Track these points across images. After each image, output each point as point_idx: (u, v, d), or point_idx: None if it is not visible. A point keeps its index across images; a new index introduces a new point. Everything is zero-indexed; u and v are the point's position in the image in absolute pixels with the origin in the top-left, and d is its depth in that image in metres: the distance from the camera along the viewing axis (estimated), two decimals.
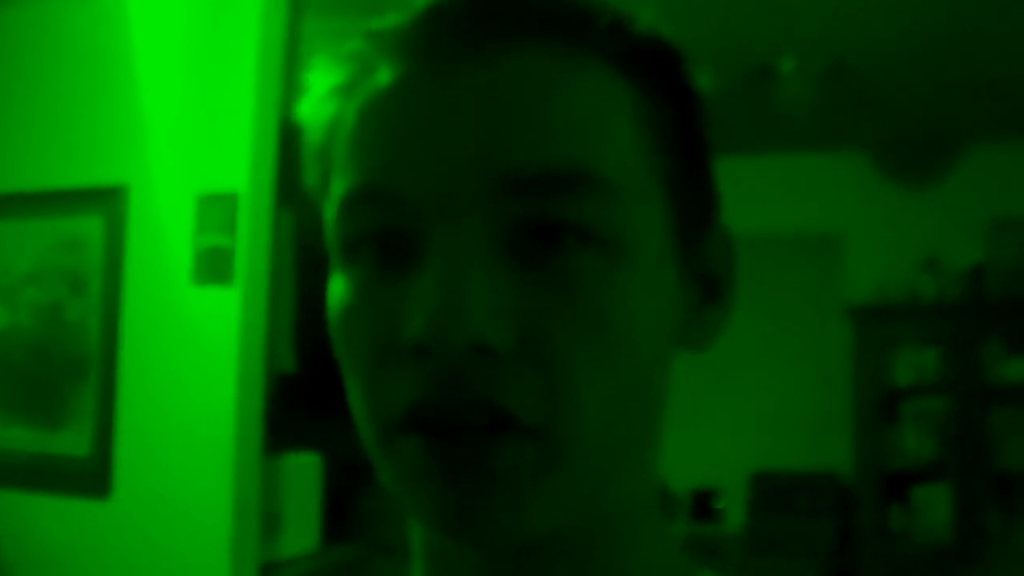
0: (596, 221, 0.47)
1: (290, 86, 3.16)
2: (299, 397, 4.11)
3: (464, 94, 0.47)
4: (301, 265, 3.55)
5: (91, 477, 2.90)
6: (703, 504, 5.83)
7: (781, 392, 5.43)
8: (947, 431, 4.83)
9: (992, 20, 3.64)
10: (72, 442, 2.94)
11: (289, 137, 3.14)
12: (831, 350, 5.33)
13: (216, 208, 2.85)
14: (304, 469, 3.41)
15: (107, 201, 2.95)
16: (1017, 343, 4.77)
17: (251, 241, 2.88)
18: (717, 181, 0.56)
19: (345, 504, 4.51)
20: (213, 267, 2.85)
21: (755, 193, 4.91)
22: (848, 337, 5.11)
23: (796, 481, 5.20)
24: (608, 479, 0.51)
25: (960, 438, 4.78)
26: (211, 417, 2.84)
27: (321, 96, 0.54)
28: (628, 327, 0.48)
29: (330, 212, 0.52)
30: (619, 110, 0.49)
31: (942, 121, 4.99)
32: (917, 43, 3.92)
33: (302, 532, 3.35)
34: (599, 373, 0.47)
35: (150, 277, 2.91)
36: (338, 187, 0.51)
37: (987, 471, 4.75)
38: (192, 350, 2.86)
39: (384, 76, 0.50)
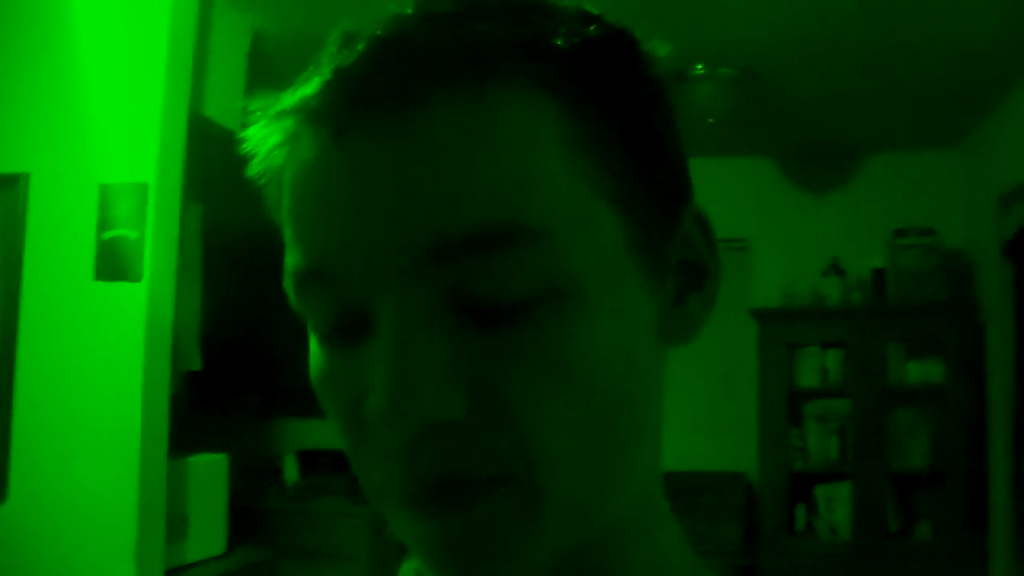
0: (533, 274, 0.45)
1: (200, 79, 3.10)
2: (205, 396, 4.04)
3: (379, 165, 0.45)
4: (208, 261, 3.48)
5: None
6: None
7: (688, 393, 5.48)
8: (849, 432, 4.95)
9: (895, 32, 3.73)
10: None
11: (198, 129, 3.07)
12: (738, 352, 5.41)
13: (122, 199, 2.76)
14: (210, 470, 3.34)
15: (6, 189, 2.84)
16: (916, 347, 4.91)
17: (158, 234, 2.81)
18: (684, 162, 0.55)
19: (252, 505, 4.44)
20: (118, 261, 2.77)
21: None
22: (754, 339, 5.20)
23: (703, 481, 5.26)
24: (594, 511, 0.50)
25: (861, 439, 4.90)
26: (116, 417, 2.76)
27: (263, 153, 0.52)
28: (587, 366, 0.47)
29: (286, 278, 0.51)
30: (546, 142, 0.46)
31: (846, 130, 5.11)
32: (823, 53, 4.00)
33: (209, 534, 3.27)
34: (564, 416, 0.46)
35: (51, 270, 2.82)
36: (288, 258, 0.50)
37: (886, 470, 4.88)
38: (95, 347, 2.78)
39: (305, 147, 0.48)
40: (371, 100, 0.45)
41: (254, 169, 0.53)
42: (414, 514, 0.47)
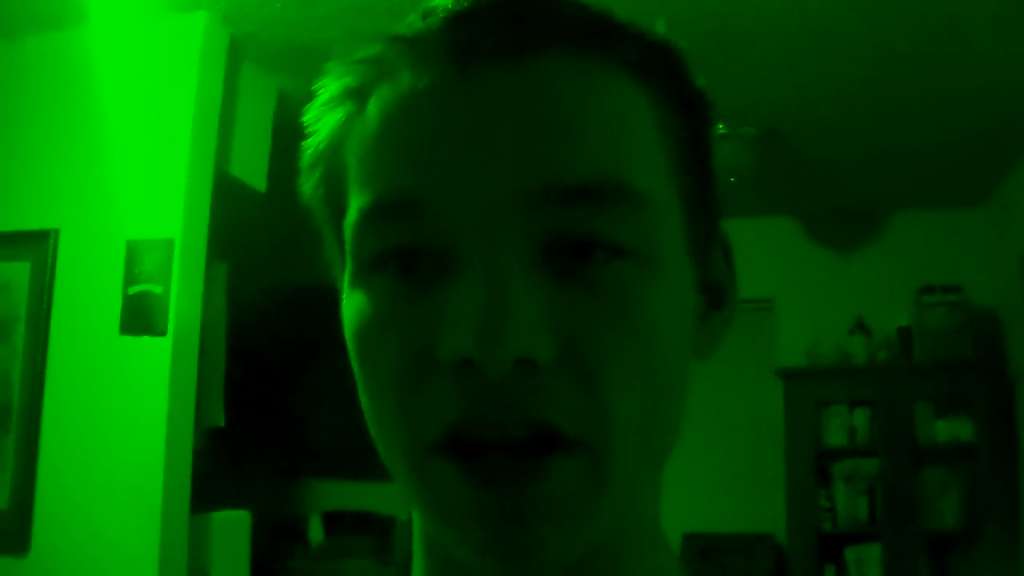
0: (629, 232, 0.47)
1: (226, 136, 3.15)
2: (228, 452, 4.04)
3: (498, 101, 0.46)
4: (233, 318, 3.51)
5: (9, 534, 2.80)
6: None
7: (715, 453, 5.44)
8: (878, 492, 4.87)
9: (918, 91, 3.75)
10: None
11: (223, 188, 3.12)
12: (764, 412, 5.37)
13: (148, 254, 2.80)
14: (233, 527, 3.32)
15: (35, 245, 2.89)
16: (944, 405, 4.85)
17: (183, 290, 2.84)
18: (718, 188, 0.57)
19: (275, 565, 4.42)
20: (143, 316, 2.80)
21: None
22: (780, 399, 5.15)
23: (730, 543, 5.19)
24: (641, 491, 0.51)
25: (891, 498, 4.82)
26: (138, 471, 2.77)
27: (331, 97, 0.53)
28: (661, 337, 0.48)
29: (349, 221, 0.50)
30: (644, 119, 0.49)
31: (870, 189, 5.11)
32: (845, 112, 4.02)
33: None
34: (636, 383, 0.47)
35: (78, 324, 2.85)
36: (359, 198, 0.49)
37: (918, 531, 4.79)
38: (120, 401, 2.80)
39: (409, 80, 0.48)
40: (496, 39, 0.47)
41: (314, 124, 0.53)
42: (470, 474, 0.45)
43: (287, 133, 3.58)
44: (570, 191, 0.46)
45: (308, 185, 0.55)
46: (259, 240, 4.17)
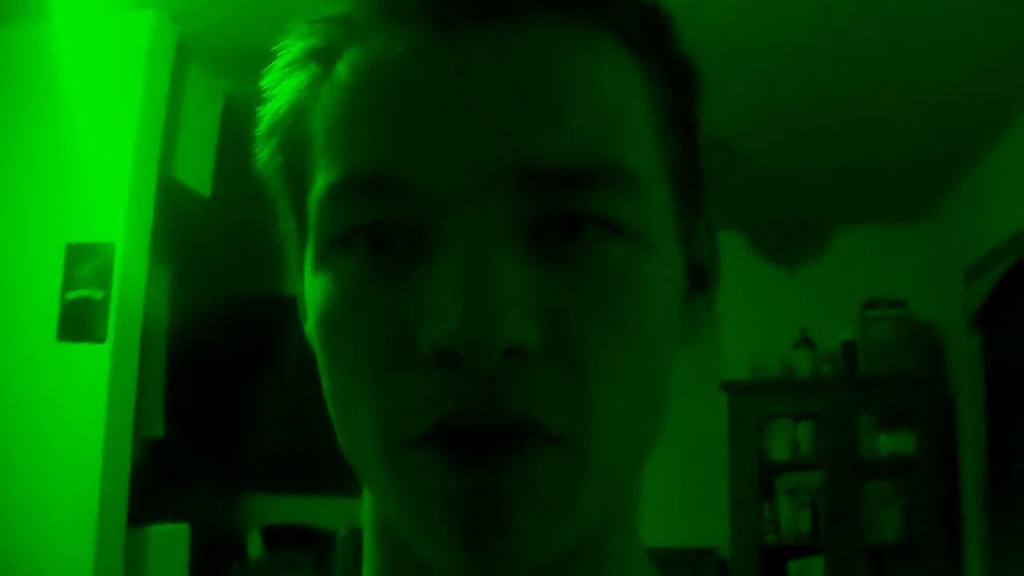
0: (618, 213, 0.44)
1: (171, 139, 3.09)
2: (167, 464, 3.94)
3: (482, 70, 0.43)
4: (174, 326, 3.43)
5: None
6: None
7: (657, 466, 5.44)
8: (821, 505, 4.91)
9: (863, 106, 3.80)
10: None
11: (167, 192, 3.05)
12: (708, 425, 5.39)
13: (88, 259, 2.73)
14: (170, 541, 3.24)
15: None
16: (887, 419, 4.90)
17: (124, 296, 2.77)
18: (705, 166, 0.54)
19: None
20: (81, 322, 2.72)
21: None
22: (724, 412, 5.17)
23: (673, 557, 5.19)
24: (622, 487, 0.48)
25: (834, 512, 4.86)
26: (74, 482, 2.70)
27: (293, 59, 0.49)
28: (651, 324, 0.46)
29: (315, 197, 0.46)
30: (634, 91, 0.46)
31: (815, 203, 5.16)
32: (792, 126, 4.05)
33: None
34: (624, 374, 0.44)
35: (13, 330, 2.76)
36: (328, 171, 0.45)
37: (860, 544, 4.83)
38: (56, 410, 2.72)
39: (383, 42, 0.44)
40: (478, 1, 0.44)
41: (274, 88, 0.50)
42: (449, 460, 0.42)
43: (234, 137, 3.54)
44: (558, 173, 0.43)
45: (264, 153, 0.51)
46: (203, 247, 4.09)
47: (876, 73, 3.48)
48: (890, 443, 4.85)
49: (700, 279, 0.54)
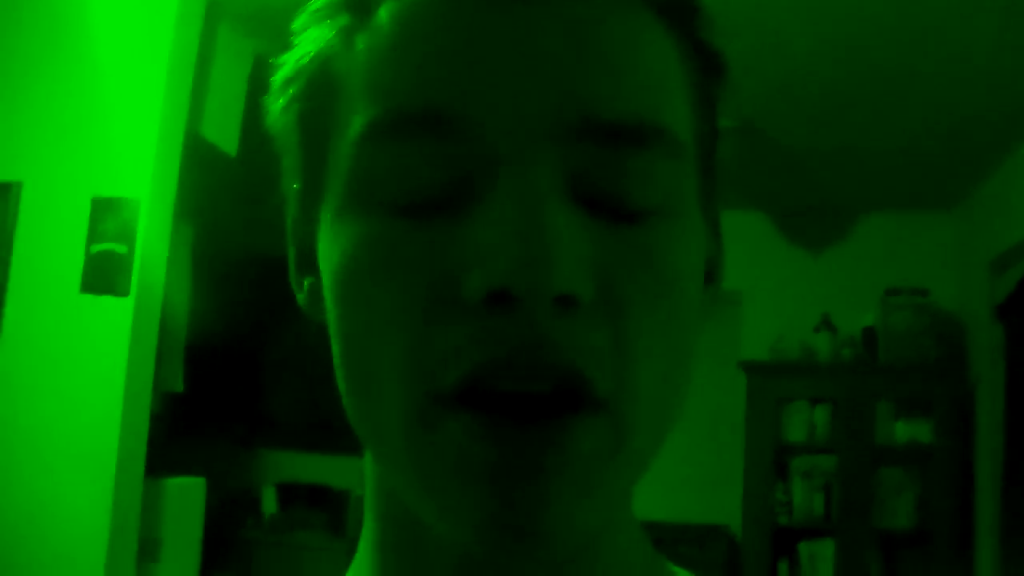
0: (661, 183, 0.43)
1: (199, 98, 3.10)
2: (187, 419, 3.99)
3: (540, 17, 0.42)
4: (197, 283, 3.46)
5: None
6: None
7: (673, 442, 5.44)
8: (835, 488, 4.91)
9: (894, 94, 3.76)
10: None
11: (194, 150, 3.07)
12: (725, 404, 5.39)
13: (113, 213, 2.75)
14: (187, 493, 3.28)
15: None
16: (905, 406, 4.89)
17: (147, 251, 2.79)
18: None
19: (228, 535, 4.38)
20: (105, 275, 2.74)
21: None
22: (742, 392, 5.17)
23: (683, 533, 5.20)
24: (649, 461, 0.46)
25: (847, 496, 4.86)
26: (93, 434, 2.72)
27: (325, 4, 0.47)
28: (687, 291, 0.45)
29: (351, 138, 0.43)
30: (673, 67, 0.46)
31: (841, 188, 5.13)
32: (822, 110, 4.02)
33: (182, 560, 3.21)
34: (663, 339, 0.43)
35: (38, 281, 2.79)
36: (369, 110, 0.42)
37: (871, 529, 4.83)
38: (77, 362, 2.75)
39: None
40: None
41: (299, 35, 0.48)
42: (487, 428, 0.39)
43: (261, 96, 3.55)
44: (615, 127, 0.42)
45: (278, 103, 0.49)
46: (227, 206, 4.11)
47: (909, 59, 3.45)
48: (907, 431, 4.84)
49: (708, 272, 0.53)
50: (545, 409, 0.39)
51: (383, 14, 0.44)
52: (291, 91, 0.48)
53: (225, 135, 3.30)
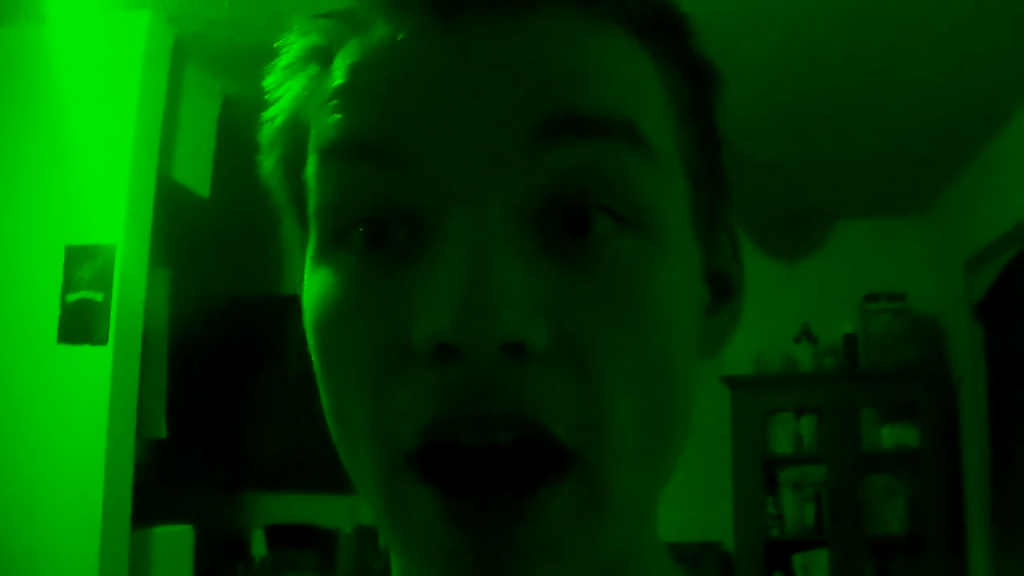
0: (635, 179, 0.41)
1: (169, 140, 3.08)
2: (170, 465, 3.94)
3: (488, 51, 0.41)
4: (175, 327, 3.43)
5: None
6: None
7: None
8: (825, 498, 4.90)
9: (863, 100, 3.78)
10: None
11: (166, 193, 3.05)
12: (711, 420, 5.37)
13: (88, 260, 2.72)
14: (175, 541, 3.24)
15: None
16: (890, 411, 4.90)
17: (124, 297, 2.76)
18: (726, 171, 0.52)
19: None
20: (82, 324, 2.71)
21: None
22: (727, 407, 5.16)
23: (678, 552, 5.16)
24: (644, 515, 0.45)
25: (837, 505, 4.85)
26: (77, 485, 2.69)
27: (294, 59, 0.47)
28: (666, 329, 0.42)
29: (309, 173, 0.44)
30: (649, 79, 0.44)
31: (815, 197, 5.15)
32: (792, 119, 4.04)
33: None
34: (638, 384, 0.41)
35: (14, 332, 2.75)
36: (320, 139, 0.43)
37: (864, 537, 4.82)
38: (58, 413, 2.71)
39: (384, 32, 0.42)
40: None
41: (275, 92, 0.48)
42: (449, 509, 0.39)
43: (232, 138, 3.53)
44: (575, 118, 0.40)
45: (268, 162, 0.49)
46: (202, 247, 4.08)
47: (875, 67, 3.47)
48: (893, 436, 4.85)
49: (723, 289, 0.51)
50: (510, 464, 0.38)
51: (341, 57, 0.44)
52: (275, 148, 0.49)
53: (197, 177, 3.28)
